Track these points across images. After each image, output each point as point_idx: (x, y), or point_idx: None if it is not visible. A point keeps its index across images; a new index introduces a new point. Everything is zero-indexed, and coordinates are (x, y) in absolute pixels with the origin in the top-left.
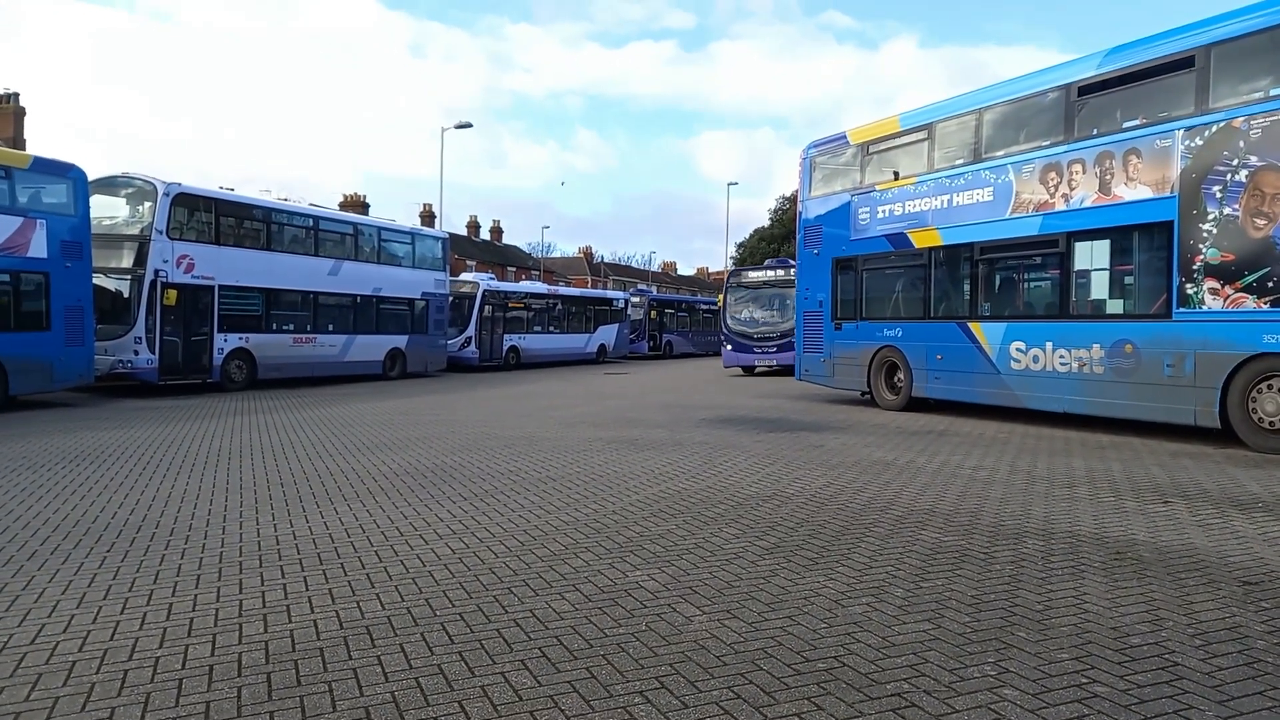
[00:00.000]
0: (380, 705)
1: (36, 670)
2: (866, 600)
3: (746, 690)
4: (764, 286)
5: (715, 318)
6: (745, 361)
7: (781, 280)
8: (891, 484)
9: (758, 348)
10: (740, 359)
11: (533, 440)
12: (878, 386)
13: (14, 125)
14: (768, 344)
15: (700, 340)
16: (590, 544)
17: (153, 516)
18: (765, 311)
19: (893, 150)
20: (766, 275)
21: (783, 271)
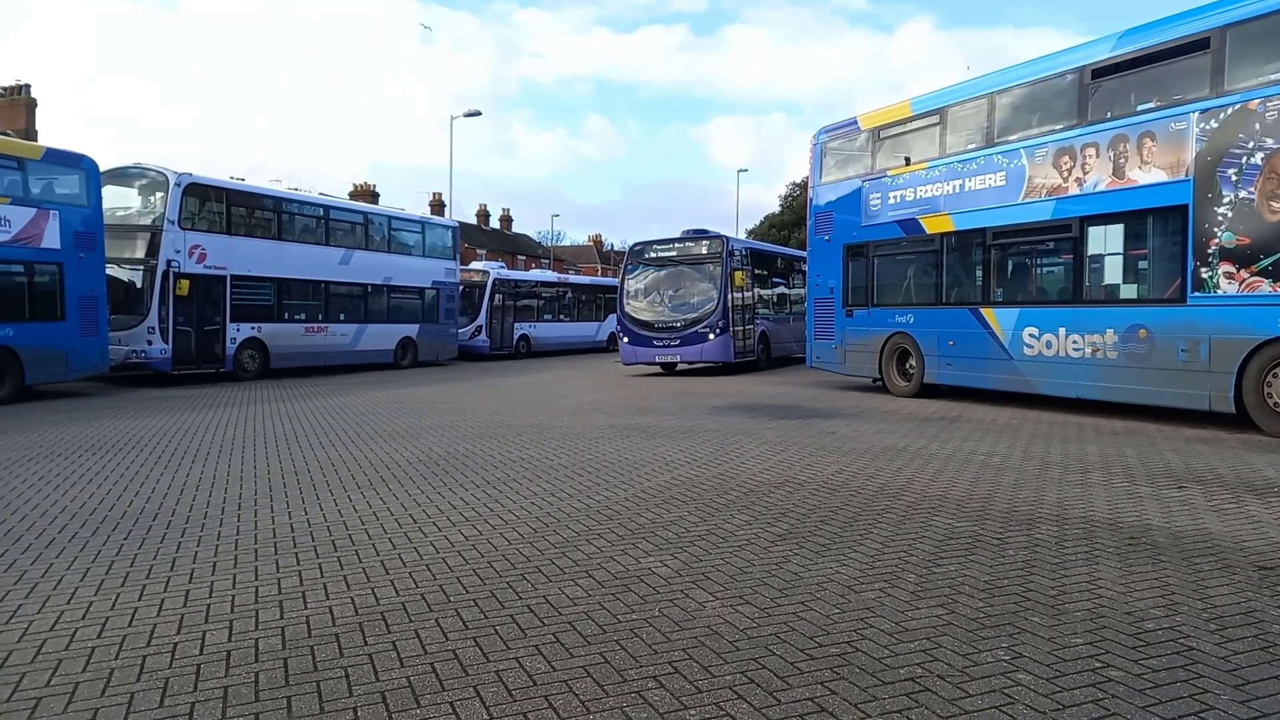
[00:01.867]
0: (396, 690)
1: (57, 656)
2: (879, 586)
3: (760, 675)
4: (669, 263)
5: None
6: (644, 357)
7: (690, 255)
8: (904, 470)
9: (658, 339)
10: (638, 354)
11: (544, 428)
12: (889, 373)
13: (26, 116)
14: (669, 335)
15: None
16: (602, 530)
17: (169, 504)
18: (668, 294)
19: (904, 135)
20: (673, 249)
21: (693, 244)
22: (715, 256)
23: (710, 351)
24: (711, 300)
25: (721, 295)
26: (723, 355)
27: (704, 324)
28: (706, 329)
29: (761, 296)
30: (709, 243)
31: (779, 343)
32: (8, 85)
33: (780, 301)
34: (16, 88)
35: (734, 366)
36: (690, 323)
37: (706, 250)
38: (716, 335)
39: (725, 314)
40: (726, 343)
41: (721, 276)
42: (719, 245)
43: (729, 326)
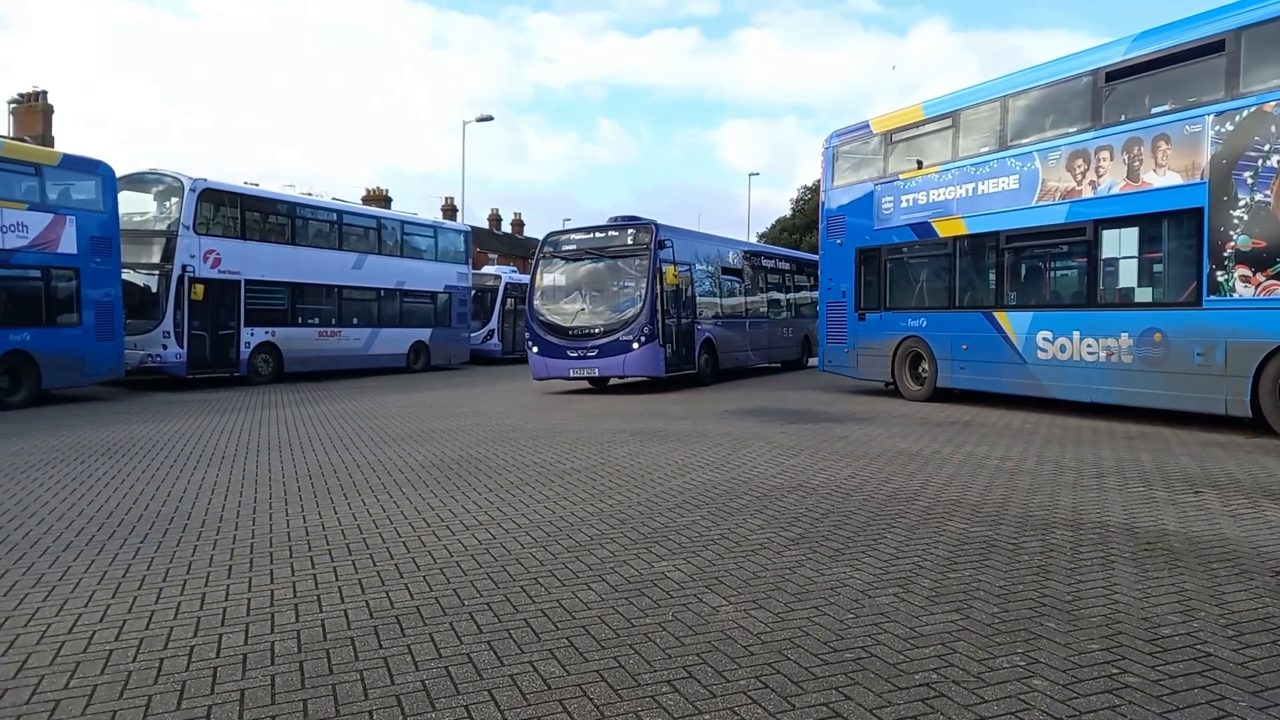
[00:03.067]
0: (411, 694)
1: (75, 658)
2: (894, 591)
3: (774, 680)
4: (588, 256)
5: None
6: (556, 370)
7: (613, 247)
8: (917, 475)
9: (573, 349)
10: (549, 366)
11: (556, 432)
12: (902, 377)
13: (42, 123)
14: (585, 344)
15: None
16: (616, 535)
17: (184, 508)
18: (585, 294)
19: (917, 139)
20: (593, 239)
21: (617, 234)
22: (642, 248)
23: (634, 364)
24: (636, 301)
25: (649, 295)
26: (650, 368)
27: (626, 330)
28: (630, 336)
29: (705, 297)
30: (635, 231)
31: (729, 352)
32: (25, 92)
33: (732, 304)
34: (34, 94)
35: (672, 382)
36: (610, 329)
37: (632, 240)
38: (642, 344)
39: (653, 318)
40: (655, 353)
41: (649, 273)
42: (647, 235)
43: (658, 333)
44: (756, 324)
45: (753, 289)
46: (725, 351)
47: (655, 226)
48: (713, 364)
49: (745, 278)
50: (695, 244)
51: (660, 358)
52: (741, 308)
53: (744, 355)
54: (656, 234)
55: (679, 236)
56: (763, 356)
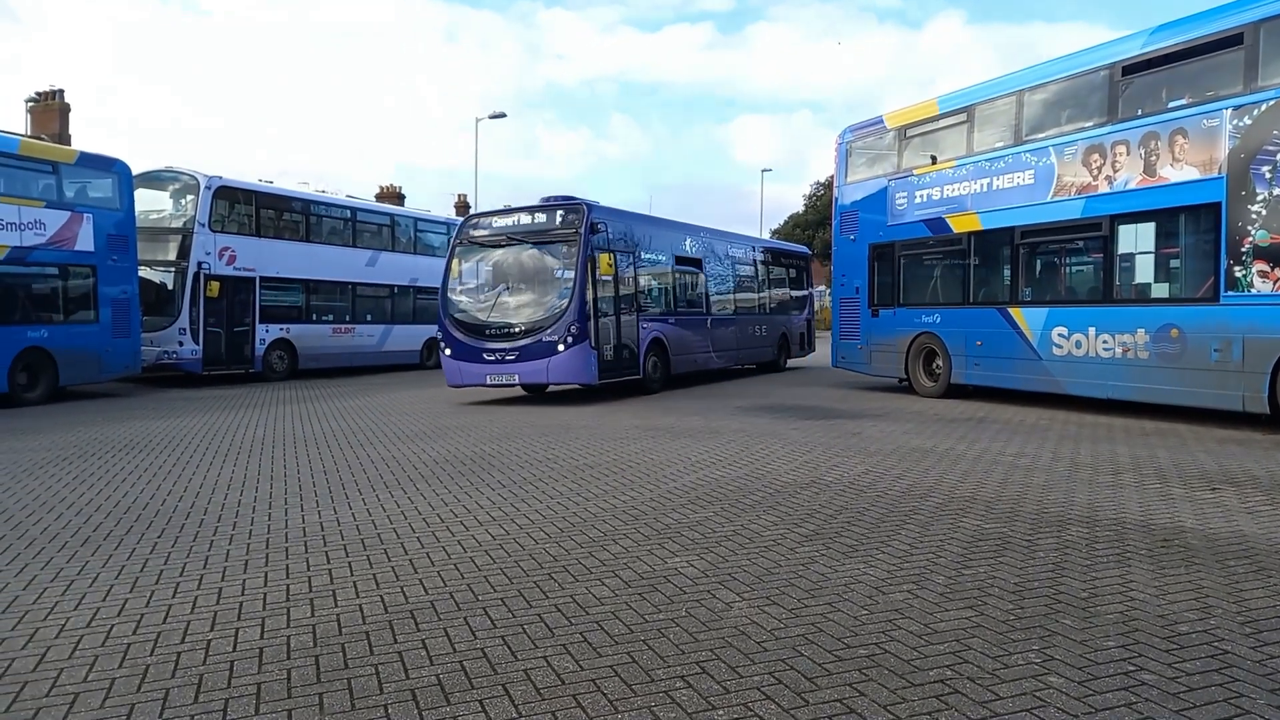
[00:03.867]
0: (426, 688)
1: (93, 652)
2: (907, 588)
3: (788, 676)
4: (509, 243)
5: None
6: (472, 376)
7: (537, 232)
8: (931, 471)
9: (490, 352)
10: (464, 372)
11: (568, 428)
12: (915, 373)
13: (59, 121)
14: (504, 345)
15: None
16: (628, 531)
17: (200, 503)
18: (506, 287)
19: (931, 134)
20: (515, 223)
21: (542, 216)
22: (570, 233)
23: (560, 369)
24: (563, 295)
25: (578, 288)
26: (579, 374)
27: (550, 330)
28: (554, 337)
29: (654, 290)
30: (564, 213)
31: (685, 354)
32: (41, 90)
33: (689, 298)
34: (50, 93)
35: (611, 389)
36: (532, 327)
37: (560, 224)
38: (569, 345)
39: (583, 315)
40: (584, 356)
41: (579, 262)
42: (577, 217)
43: (589, 333)
44: (721, 322)
45: (717, 282)
46: (680, 353)
47: (587, 207)
48: (663, 368)
49: (707, 269)
50: (642, 229)
51: (591, 361)
52: (701, 303)
53: (704, 357)
54: (589, 216)
55: (620, 220)
56: (729, 359)
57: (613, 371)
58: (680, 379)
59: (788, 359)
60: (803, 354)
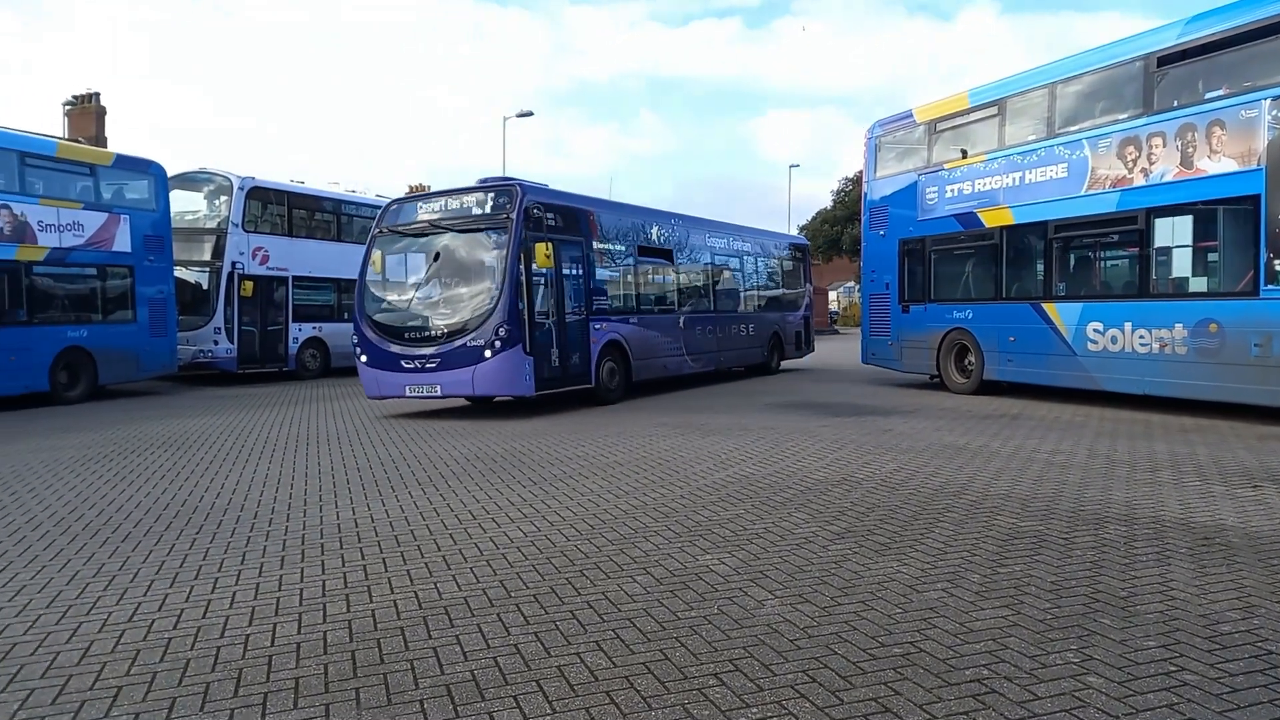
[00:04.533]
0: (460, 683)
1: (135, 646)
2: (942, 586)
3: (822, 674)
4: (434, 232)
5: None
6: (390, 387)
7: (464, 219)
8: (964, 468)
9: (409, 359)
10: (382, 382)
11: (599, 425)
12: (947, 370)
13: (96, 124)
14: (424, 351)
15: None
16: (659, 528)
17: (237, 500)
18: (428, 284)
19: (962, 128)
20: (441, 208)
21: (471, 201)
22: (500, 219)
23: (487, 379)
24: (489, 292)
25: (507, 283)
26: (510, 384)
27: (475, 333)
28: (479, 341)
29: (611, 285)
30: (495, 197)
31: (650, 358)
32: (78, 94)
33: (656, 294)
34: (87, 95)
35: (557, 401)
36: (455, 330)
37: (490, 209)
38: (496, 351)
39: (513, 314)
40: (516, 364)
41: (509, 252)
42: (508, 201)
43: (522, 336)
44: (697, 321)
45: (691, 276)
46: (643, 357)
47: (521, 189)
48: (622, 375)
49: (680, 261)
50: (594, 215)
51: (525, 369)
52: (672, 300)
53: (675, 361)
54: (522, 199)
55: (565, 204)
56: (706, 362)
57: (555, 381)
58: (644, 387)
59: (781, 360)
60: (799, 355)
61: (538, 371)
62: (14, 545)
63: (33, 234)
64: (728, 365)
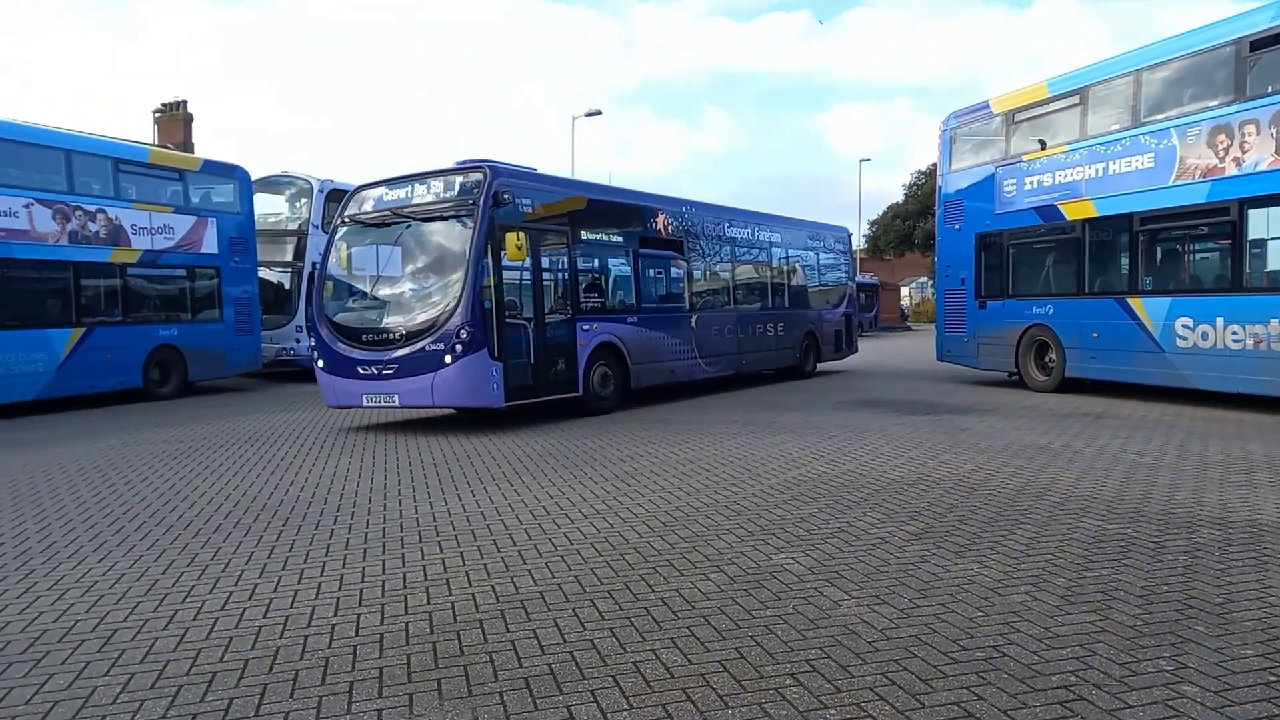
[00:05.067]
0: (539, 677)
1: (228, 634)
2: (1025, 589)
3: (901, 677)
4: (396, 222)
5: None
6: (347, 396)
7: (427, 207)
8: (1047, 469)
9: (365, 364)
10: (337, 390)
11: (667, 423)
12: (1026, 367)
13: (183, 131)
14: (381, 356)
15: None
16: (732, 526)
17: (320, 494)
18: (386, 280)
19: (1041, 118)
20: (405, 195)
21: (438, 185)
22: (466, 206)
23: (448, 388)
24: (452, 290)
25: (470, 278)
26: (474, 394)
27: (435, 335)
28: (439, 345)
29: (606, 280)
30: (461, 180)
31: (650, 362)
32: (167, 101)
33: (661, 290)
34: (175, 104)
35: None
36: (414, 333)
37: (456, 194)
38: (457, 356)
39: (477, 314)
40: (481, 371)
41: (474, 243)
42: (475, 185)
43: (488, 339)
44: (714, 320)
45: (706, 269)
46: (645, 361)
47: (490, 170)
48: (618, 381)
49: (692, 253)
50: (583, 201)
51: (492, 377)
52: (681, 296)
53: (685, 365)
54: (490, 183)
55: (548, 188)
56: (725, 365)
57: (531, 389)
58: (647, 394)
59: (817, 362)
60: (840, 356)
61: (508, 379)
62: (112, 535)
63: (126, 237)
64: (751, 369)
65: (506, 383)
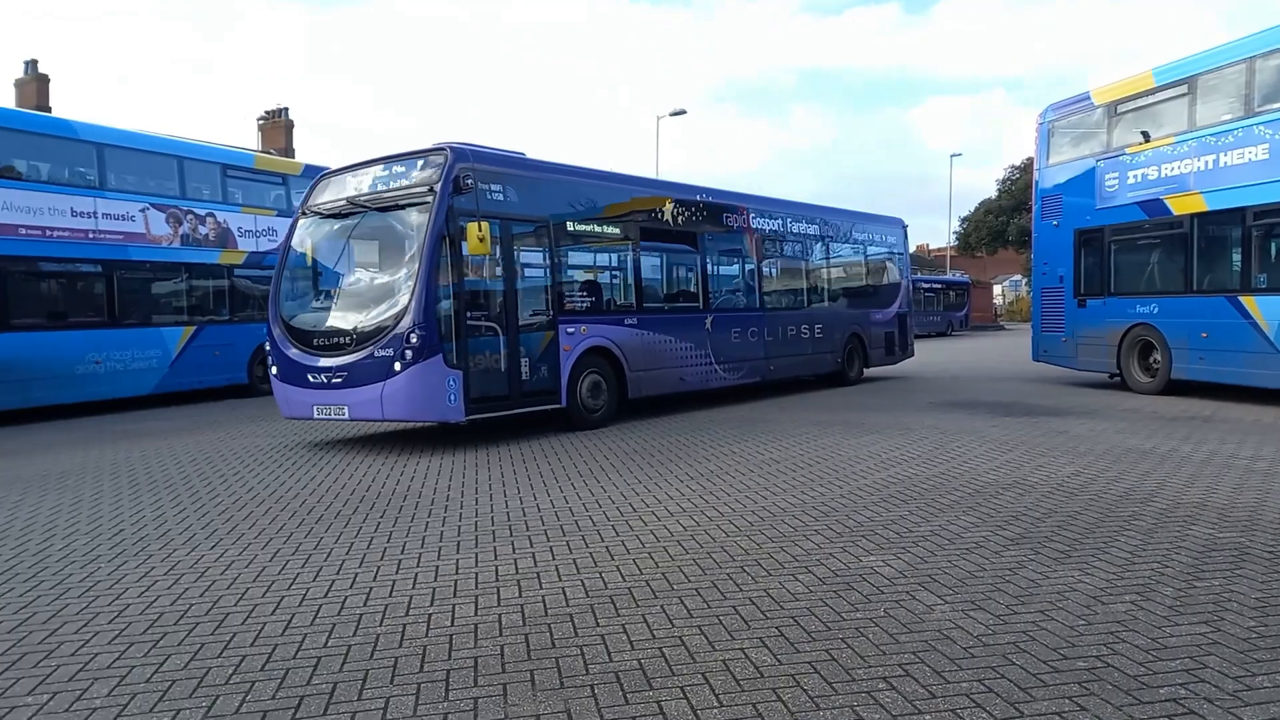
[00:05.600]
0: (629, 672)
1: (331, 620)
2: (1130, 599)
3: (1000, 685)
4: (354, 211)
5: (936, 296)
6: (298, 406)
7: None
8: (1152, 474)
9: (315, 371)
10: (290, 399)
11: (752, 421)
12: (1129, 368)
13: (285, 136)
14: (332, 362)
15: (922, 320)
16: (820, 527)
17: (414, 488)
18: (342, 280)
19: (1145, 109)
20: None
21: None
22: (422, 192)
23: (398, 400)
24: (402, 287)
25: (423, 275)
26: (428, 407)
27: (383, 340)
28: (388, 351)
29: (598, 277)
30: (420, 164)
31: (653, 368)
32: (270, 109)
33: (671, 288)
34: (277, 110)
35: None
36: (366, 336)
37: (413, 180)
38: (407, 363)
39: (430, 315)
40: (436, 379)
41: (427, 234)
42: (434, 170)
43: (444, 341)
44: (734, 321)
45: (727, 264)
46: (646, 368)
47: (451, 152)
48: (613, 390)
49: (709, 246)
50: (567, 187)
51: (448, 387)
52: (696, 294)
53: (698, 372)
54: (450, 166)
55: (523, 172)
56: (748, 372)
57: (501, 401)
58: (650, 404)
59: (863, 368)
60: (891, 360)
61: (470, 389)
62: (222, 524)
63: (234, 239)
64: (782, 376)
65: (468, 393)
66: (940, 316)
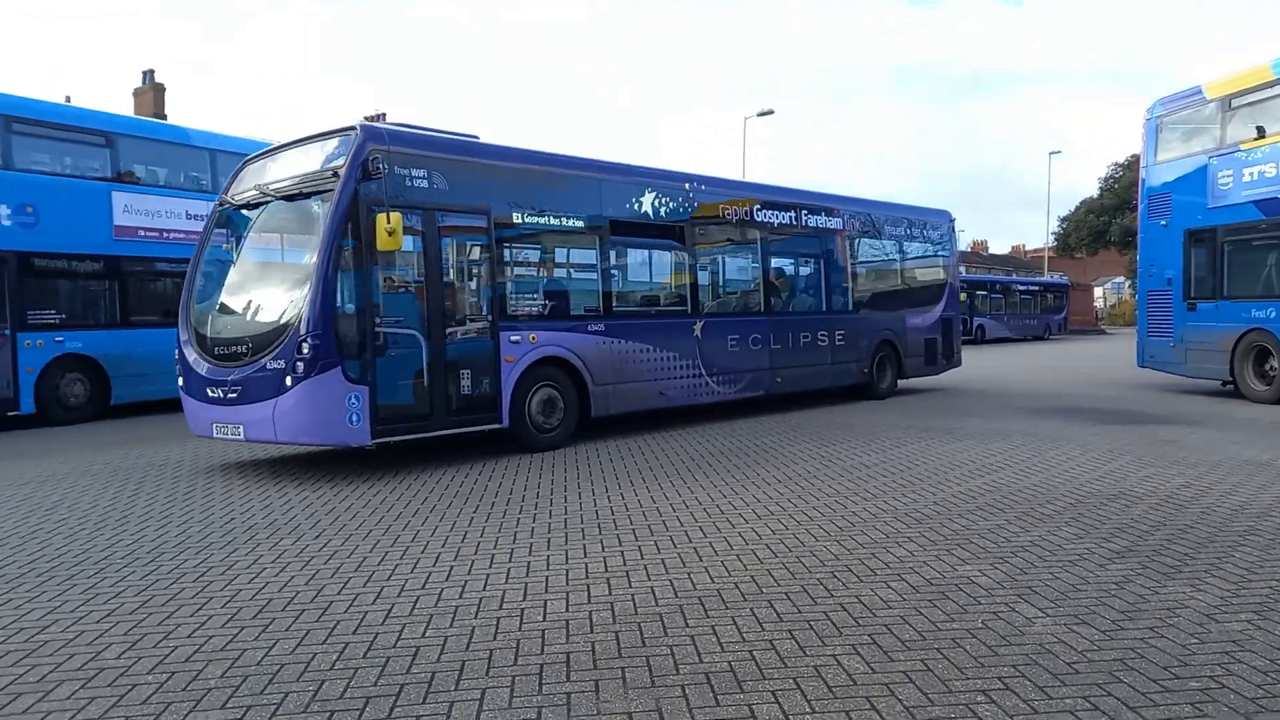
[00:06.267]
0: (719, 673)
1: (428, 612)
2: (1246, 617)
3: (1105, 702)
4: (262, 200)
5: (1033, 299)
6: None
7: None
8: (1269, 487)
9: (213, 384)
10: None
11: (842, 426)
12: (1243, 375)
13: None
14: (229, 373)
15: (1017, 324)
16: (912, 534)
17: (506, 485)
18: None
19: (1263, 103)
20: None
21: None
22: (325, 180)
23: (289, 419)
24: (297, 288)
25: (319, 274)
26: (325, 428)
27: (276, 350)
28: (280, 363)
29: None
30: (329, 146)
31: (625, 380)
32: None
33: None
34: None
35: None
36: (260, 346)
37: (319, 164)
38: (300, 376)
39: (325, 321)
40: (334, 396)
41: (326, 228)
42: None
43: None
44: (730, 326)
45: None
46: (616, 381)
47: (362, 131)
48: (573, 408)
49: (698, 240)
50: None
51: (349, 405)
52: (683, 296)
53: (682, 385)
54: (361, 148)
55: (457, 155)
56: (748, 385)
57: (419, 422)
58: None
59: (898, 378)
60: (933, 370)
61: (379, 407)
62: (326, 515)
63: None
64: (791, 389)
65: (375, 412)
66: (1037, 320)
